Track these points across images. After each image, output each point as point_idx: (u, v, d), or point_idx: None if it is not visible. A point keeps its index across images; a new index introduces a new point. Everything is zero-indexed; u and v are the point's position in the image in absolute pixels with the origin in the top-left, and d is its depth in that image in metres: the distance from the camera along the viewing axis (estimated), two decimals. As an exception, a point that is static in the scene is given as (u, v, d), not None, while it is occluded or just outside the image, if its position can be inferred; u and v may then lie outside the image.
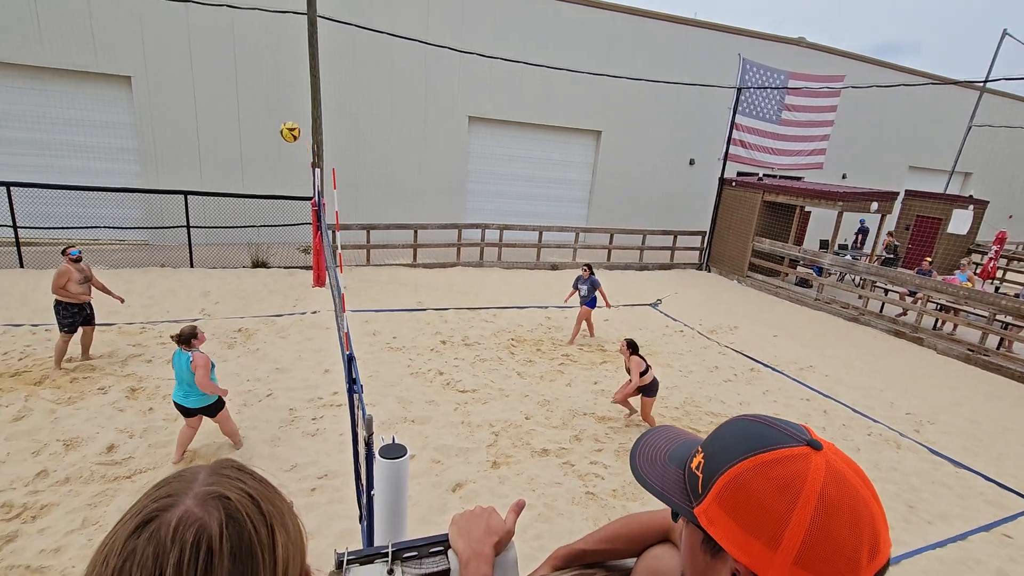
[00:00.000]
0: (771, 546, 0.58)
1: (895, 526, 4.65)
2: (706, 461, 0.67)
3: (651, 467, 0.75)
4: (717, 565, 0.65)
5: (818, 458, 0.60)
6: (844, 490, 0.59)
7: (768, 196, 13.35)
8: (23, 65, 10.59)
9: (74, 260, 5.97)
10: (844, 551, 0.56)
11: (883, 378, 8.14)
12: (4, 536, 3.65)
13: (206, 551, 0.45)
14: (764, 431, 0.65)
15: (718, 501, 0.63)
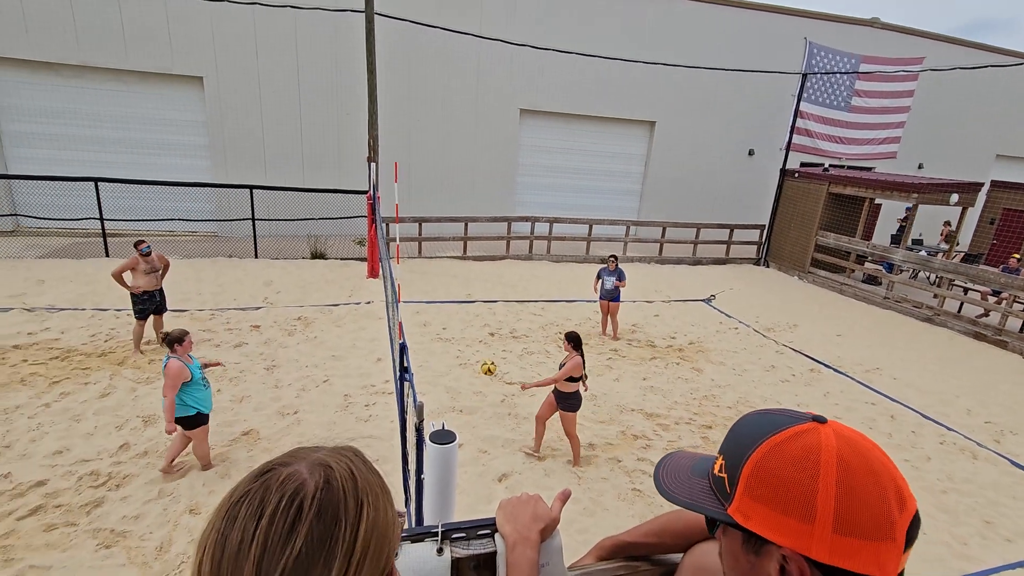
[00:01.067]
0: (807, 519, 0.58)
1: (969, 542, 4.34)
2: (727, 460, 0.68)
3: (676, 483, 0.75)
4: (763, 562, 0.64)
5: (826, 428, 0.63)
6: (858, 450, 0.60)
7: (834, 188, 12.62)
8: (111, 69, 11.44)
9: (144, 255, 6.42)
10: (874, 507, 0.57)
11: (960, 383, 7.57)
12: (93, 501, 4.01)
13: (298, 505, 0.52)
14: (771, 418, 0.67)
15: (747, 493, 0.64)
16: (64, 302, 7.77)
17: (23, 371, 5.78)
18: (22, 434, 4.71)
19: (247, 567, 0.49)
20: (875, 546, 0.57)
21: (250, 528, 0.51)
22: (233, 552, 0.50)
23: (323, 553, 0.51)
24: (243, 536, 0.51)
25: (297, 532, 0.51)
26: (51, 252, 10.14)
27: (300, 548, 0.50)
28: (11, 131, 11.36)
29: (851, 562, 0.57)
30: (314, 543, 0.51)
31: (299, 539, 0.51)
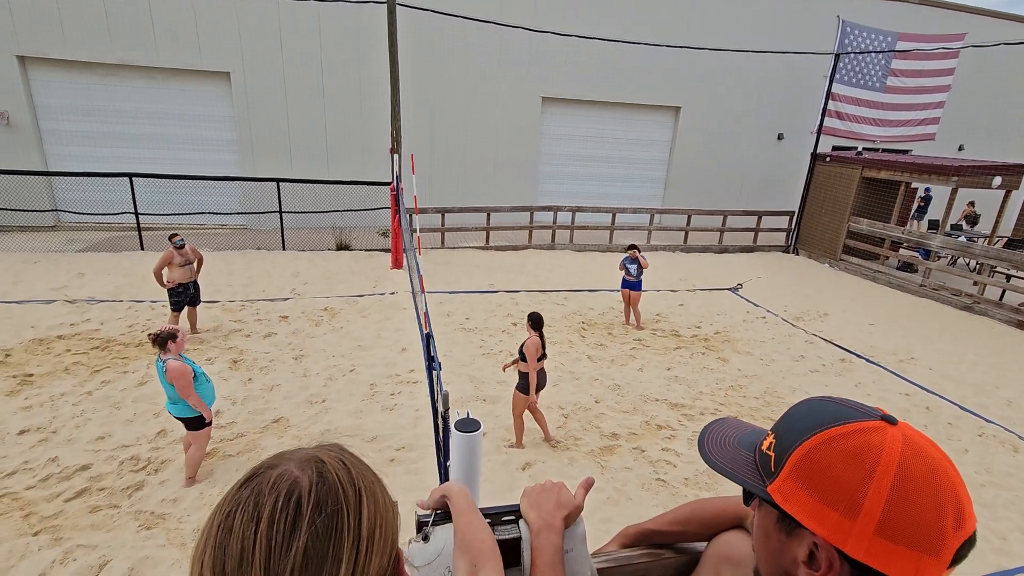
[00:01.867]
0: (850, 515, 0.57)
1: (1009, 537, 4.21)
2: (777, 440, 0.67)
3: (720, 450, 0.75)
4: (793, 544, 0.64)
5: (894, 431, 0.60)
6: (923, 460, 0.58)
7: (868, 172, 12.20)
8: (142, 67, 11.73)
9: (178, 248, 6.61)
10: (927, 520, 0.56)
11: (1000, 374, 7.29)
12: (134, 484, 4.19)
13: (295, 502, 0.51)
14: (836, 409, 0.65)
15: (792, 476, 0.63)
16: (103, 294, 8.07)
17: (67, 360, 6.04)
18: (67, 420, 4.93)
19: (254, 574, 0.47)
20: (917, 556, 0.56)
21: (249, 535, 0.49)
22: (235, 563, 0.48)
23: (330, 545, 0.50)
24: (243, 544, 0.49)
25: (300, 529, 0.49)
26: (90, 246, 10.52)
27: (306, 544, 0.49)
28: (50, 129, 11.78)
29: (886, 565, 0.56)
30: (319, 537, 0.50)
31: (303, 535, 0.49)
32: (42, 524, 3.74)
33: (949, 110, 15.40)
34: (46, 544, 3.56)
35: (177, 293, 6.65)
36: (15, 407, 5.08)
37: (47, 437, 4.68)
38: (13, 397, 5.25)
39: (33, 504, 3.92)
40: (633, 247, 7.95)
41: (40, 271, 8.83)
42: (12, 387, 5.41)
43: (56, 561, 3.43)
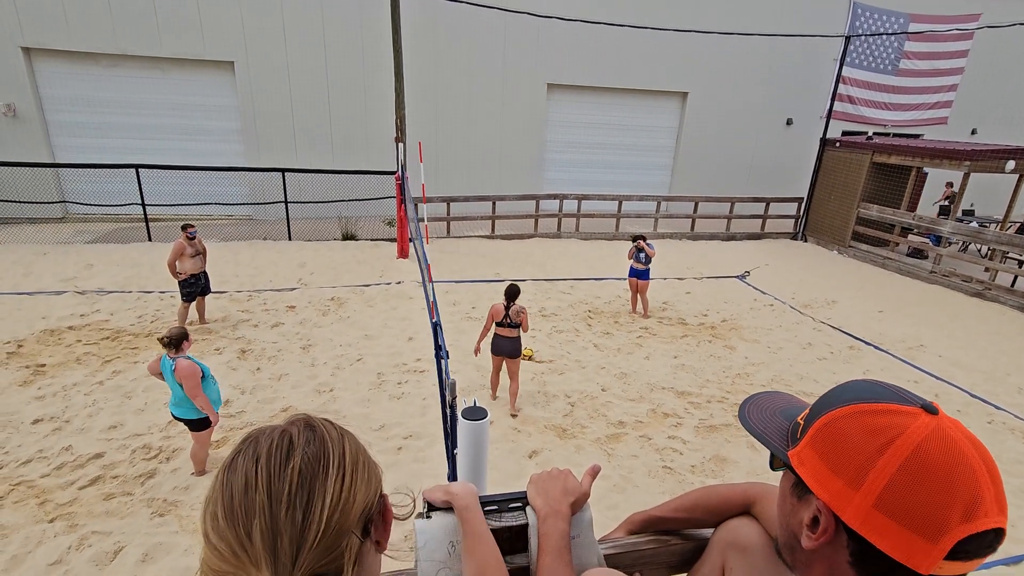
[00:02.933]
0: (853, 485, 0.59)
1: (1017, 524, 4.20)
2: (811, 411, 0.69)
3: (759, 415, 0.78)
4: (801, 508, 0.67)
5: (927, 419, 0.59)
6: (948, 450, 0.57)
7: (878, 157, 12.03)
8: (146, 57, 11.71)
9: (191, 239, 6.64)
10: (930, 505, 0.55)
11: (1011, 361, 7.23)
12: (146, 472, 4.25)
13: (288, 439, 0.59)
14: (878, 389, 0.64)
15: (811, 443, 0.65)
16: (112, 285, 8.14)
17: (78, 351, 6.11)
18: (80, 410, 5.00)
19: (258, 497, 0.54)
20: (911, 536, 0.56)
21: (251, 469, 0.56)
22: (241, 491, 0.55)
23: (320, 465, 0.57)
24: (247, 477, 0.56)
25: (293, 455, 0.57)
26: (98, 237, 10.60)
27: (300, 465, 0.56)
28: (56, 121, 11.81)
29: (879, 539, 0.57)
30: (310, 460, 0.57)
31: (296, 459, 0.57)
32: (57, 511, 3.81)
33: (962, 93, 15.11)
34: (62, 530, 3.63)
35: (189, 284, 6.70)
36: (29, 397, 5.16)
37: (60, 426, 4.76)
38: (27, 387, 5.33)
39: (48, 492, 3.99)
40: (639, 238, 7.87)
41: (50, 263, 8.91)
42: (25, 377, 5.49)
43: (72, 547, 3.50)
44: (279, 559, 0.52)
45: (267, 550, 0.52)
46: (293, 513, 0.54)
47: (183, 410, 4.07)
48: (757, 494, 1.00)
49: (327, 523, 0.55)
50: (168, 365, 3.99)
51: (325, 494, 0.56)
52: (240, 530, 0.53)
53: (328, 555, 0.55)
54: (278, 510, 0.54)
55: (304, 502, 0.55)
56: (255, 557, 0.52)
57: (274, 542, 0.52)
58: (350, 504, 0.58)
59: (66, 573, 3.33)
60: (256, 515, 0.53)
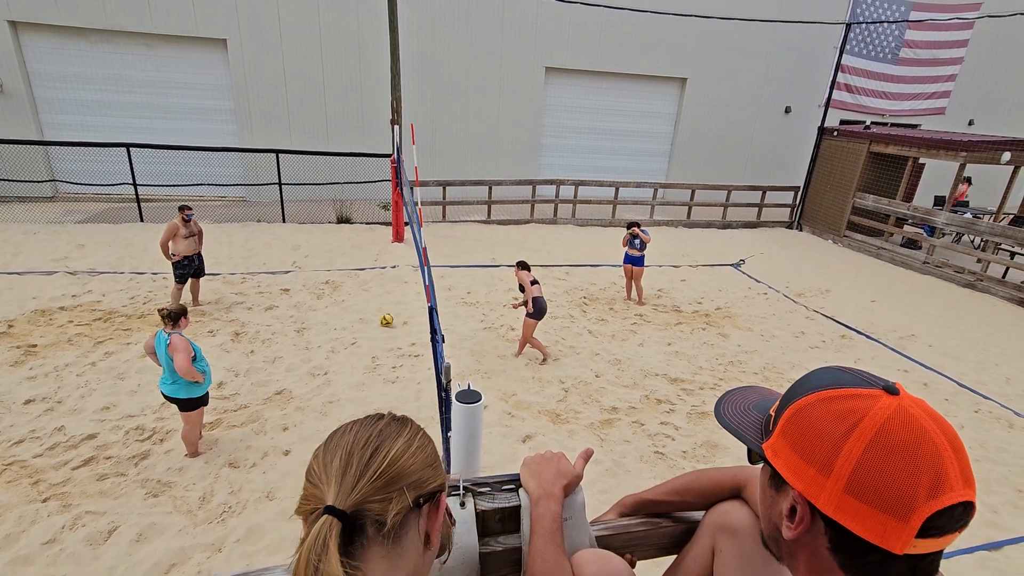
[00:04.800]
0: (824, 472, 0.60)
1: (1000, 510, 4.28)
2: (781, 402, 0.70)
3: (734, 411, 0.79)
4: (780, 499, 0.67)
5: (889, 400, 0.61)
6: (909, 428, 0.58)
7: (876, 146, 12.01)
8: (137, 33, 11.47)
9: (187, 221, 6.57)
10: (897, 484, 0.56)
11: (1001, 351, 7.31)
12: (139, 454, 4.25)
13: (378, 415, 0.78)
14: (841, 375, 0.66)
15: (782, 433, 0.66)
16: (104, 266, 8.07)
17: (70, 331, 6.07)
18: (72, 390, 4.98)
19: (346, 438, 0.71)
20: (883, 517, 0.57)
21: (348, 425, 0.75)
22: (338, 436, 0.73)
23: (395, 431, 0.74)
24: (343, 430, 0.74)
25: (380, 421, 0.75)
26: (89, 217, 10.47)
27: (381, 426, 0.74)
28: (44, 97, 11.59)
29: (853, 523, 0.58)
30: (389, 424, 0.75)
31: (381, 423, 0.75)
32: (51, 491, 3.81)
33: (960, 83, 15.08)
34: (55, 510, 3.64)
35: (182, 266, 6.64)
36: (20, 377, 5.13)
37: (53, 407, 4.74)
38: (18, 367, 5.30)
39: (41, 472, 3.99)
40: (634, 225, 7.89)
41: (40, 242, 8.80)
42: (16, 357, 5.45)
43: (66, 527, 3.51)
44: (344, 482, 0.66)
45: (337, 473, 0.67)
46: (364, 451, 0.69)
47: (173, 388, 4.03)
48: (747, 478, 1.01)
49: (386, 467, 0.68)
50: (163, 340, 3.99)
51: (392, 448, 0.70)
52: (327, 458, 0.69)
53: (379, 494, 0.66)
54: (355, 448, 0.70)
55: (374, 448, 0.70)
56: (328, 478, 0.67)
57: (344, 469, 0.67)
58: (407, 465, 0.70)
59: (60, 552, 3.34)
60: (340, 450, 0.70)
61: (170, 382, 4.04)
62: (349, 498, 0.64)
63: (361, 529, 0.64)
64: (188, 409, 4.12)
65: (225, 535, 3.56)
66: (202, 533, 3.56)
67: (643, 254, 7.90)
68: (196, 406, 4.15)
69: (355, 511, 0.64)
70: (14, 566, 3.22)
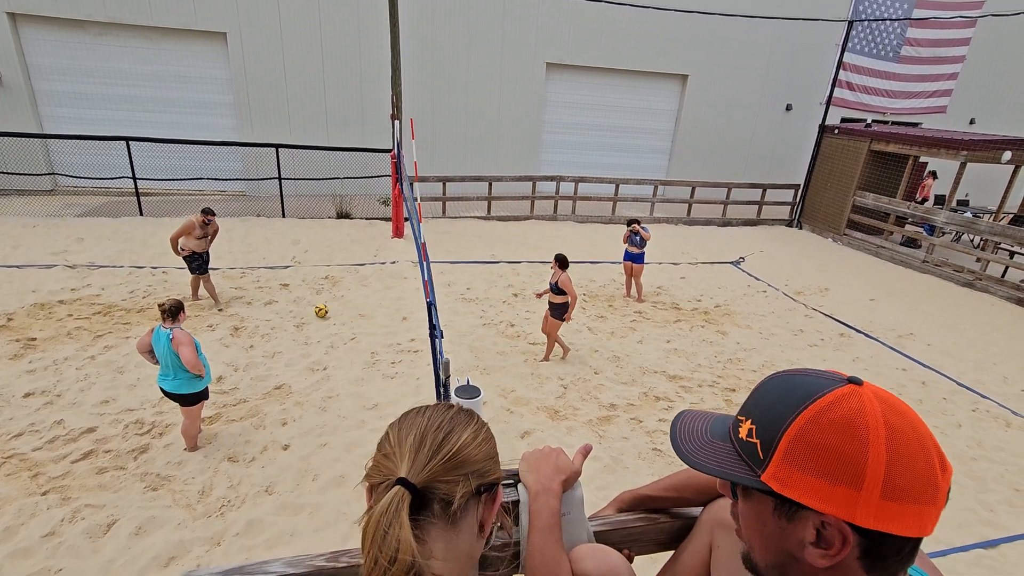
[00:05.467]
0: (855, 486, 0.57)
1: (996, 509, 4.30)
2: (758, 427, 0.65)
3: (699, 448, 0.72)
4: (796, 527, 0.62)
5: (865, 391, 0.61)
6: (901, 414, 0.59)
7: (876, 145, 12.00)
8: (136, 25, 11.42)
9: (205, 224, 6.60)
10: (921, 472, 0.57)
11: (1000, 350, 7.33)
12: (139, 447, 4.26)
13: (447, 406, 0.81)
14: (804, 381, 0.65)
15: (788, 461, 0.61)
16: (103, 259, 8.06)
17: (69, 325, 6.07)
18: (71, 384, 4.99)
19: (420, 419, 0.76)
20: (920, 509, 0.57)
21: (422, 410, 0.79)
22: (412, 416, 0.77)
23: (464, 420, 0.77)
24: (417, 412, 0.78)
25: (451, 410, 0.79)
26: (88, 211, 10.45)
27: (452, 414, 0.78)
28: (43, 90, 11.54)
29: (895, 525, 0.57)
30: (459, 413, 0.79)
31: (452, 411, 0.79)
32: (50, 484, 3.82)
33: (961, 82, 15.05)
34: (55, 503, 3.65)
35: (191, 259, 6.65)
36: (19, 370, 5.14)
37: (52, 400, 4.75)
38: (17, 361, 5.30)
39: (41, 465, 4.00)
40: (634, 222, 7.89)
41: (39, 235, 8.79)
42: (16, 351, 5.45)
43: (65, 520, 3.52)
44: (417, 459, 0.69)
45: (411, 449, 0.70)
46: (437, 434, 0.73)
47: (175, 383, 4.02)
48: None
49: (456, 451, 0.72)
50: (164, 335, 3.96)
51: (462, 435, 0.74)
52: (401, 434, 0.73)
53: (447, 475, 0.70)
54: (429, 429, 0.73)
55: (447, 432, 0.73)
56: (402, 453, 0.70)
57: (418, 447, 0.71)
58: (474, 453, 0.74)
59: (59, 545, 3.35)
60: (414, 429, 0.73)
61: (171, 378, 4.02)
62: (421, 474, 0.68)
63: (428, 505, 0.68)
64: (189, 404, 4.12)
65: (224, 529, 3.57)
66: (201, 527, 3.57)
67: (643, 251, 7.90)
68: (197, 401, 4.15)
69: (425, 486, 0.68)
70: (14, 559, 3.23)
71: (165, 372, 4.03)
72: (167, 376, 4.03)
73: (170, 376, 4.02)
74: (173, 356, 3.95)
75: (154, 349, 4.02)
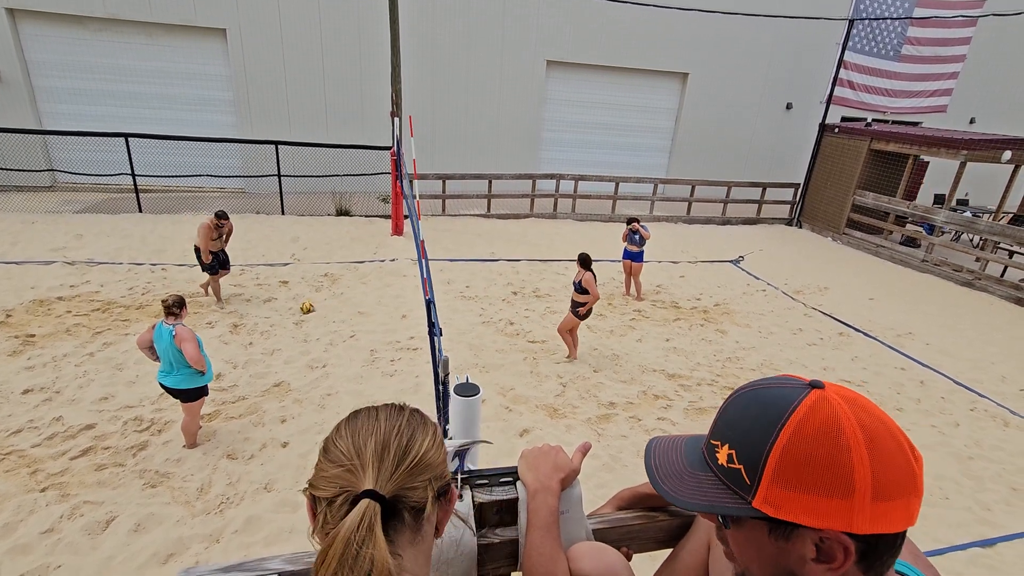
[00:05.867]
0: (846, 495, 0.57)
1: (993, 508, 4.31)
2: (739, 450, 0.64)
3: (682, 485, 0.69)
4: (794, 546, 0.62)
5: (831, 395, 0.61)
6: (868, 411, 0.60)
7: (876, 144, 11.99)
8: (135, 21, 11.38)
9: (218, 227, 6.55)
10: (901, 465, 0.58)
11: (998, 350, 7.34)
12: (138, 444, 4.26)
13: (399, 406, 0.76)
14: (772, 395, 0.64)
15: (777, 482, 0.60)
16: (102, 256, 8.05)
17: (68, 322, 6.07)
18: (70, 380, 4.98)
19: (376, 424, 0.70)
20: (906, 502, 0.58)
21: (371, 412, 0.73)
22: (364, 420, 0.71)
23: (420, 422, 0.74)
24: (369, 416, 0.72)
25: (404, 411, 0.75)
26: (87, 207, 10.43)
27: (408, 415, 0.74)
28: (42, 86, 11.52)
29: (888, 524, 0.57)
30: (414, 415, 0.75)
31: (406, 412, 0.74)
32: (49, 481, 3.82)
33: (962, 81, 15.03)
34: (53, 500, 3.65)
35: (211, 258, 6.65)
36: (18, 367, 5.13)
37: (51, 397, 4.74)
38: (16, 357, 5.29)
39: (39, 461, 4.00)
40: (633, 220, 7.91)
41: (38, 232, 8.78)
42: (15, 347, 5.45)
43: (64, 516, 3.52)
44: (383, 466, 0.65)
45: (375, 458, 0.65)
46: (400, 438, 0.69)
47: (176, 379, 4.01)
48: None
49: (423, 455, 0.69)
50: (167, 331, 3.95)
51: (424, 437, 0.71)
52: (357, 442, 0.67)
53: (414, 481, 0.66)
54: (390, 434, 0.69)
55: (409, 435, 0.70)
56: (364, 462, 0.65)
57: (381, 455, 0.66)
58: (436, 456, 0.71)
59: (58, 541, 3.35)
60: (372, 434, 0.68)
61: (172, 374, 4.02)
62: (389, 483, 0.64)
63: (398, 515, 0.65)
64: (190, 400, 4.11)
65: (223, 526, 3.57)
66: (200, 524, 3.57)
67: (642, 250, 7.91)
68: (198, 396, 4.15)
69: (395, 496, 0.64)
70: (13, 555, 3.24)
71: (167, 368, 4.03)
72: (168, 372, 4.03)
73: (172, 372, 4.02)
74: (175, 352, 3.95)
75: (155, 345, 4.02)
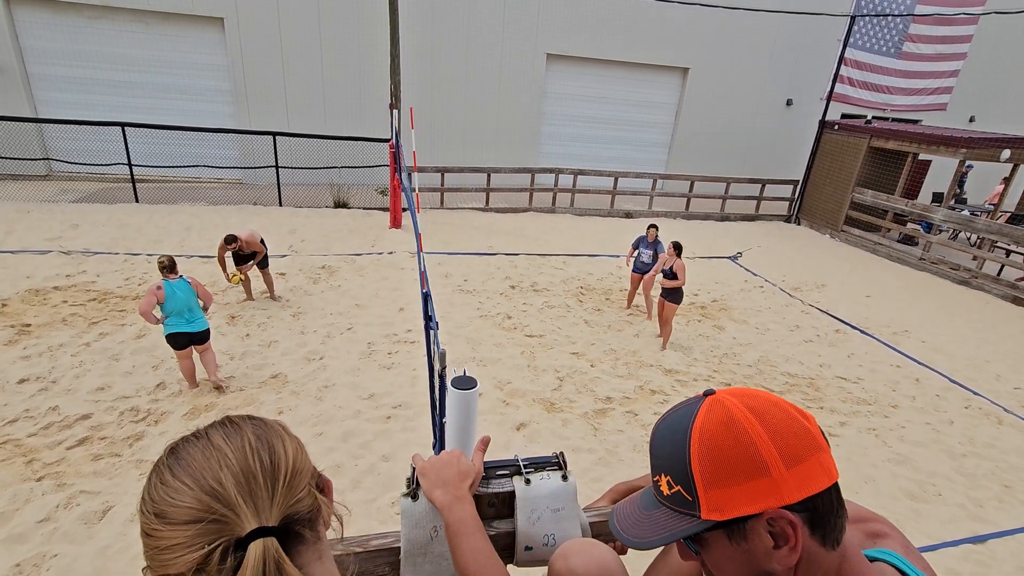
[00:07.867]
0: (766, 472, 0.61)
1: (985, 505, 4.34)
2: (672, 474, 0.68)
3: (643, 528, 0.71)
4: (754, 541, 0.64)
5: (720, 395, 0.68)
6: (755, 396, 0.67)
7: (876, 141, 11.98)
8: (132, 9, 11.26)
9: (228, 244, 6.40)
10: (796, 429, 0.63)
11: (993, 348, 7.38)
12: (134, 435, 4.26)
13: (229, 421, 0.62)
14: (677, 415, 0.70)
15: (706, 486, 0.64)
16: (98, 246, 8.01)
17: (64, 312, 6.04)
18: (66, 371, 4.97)
19: (218, 454, 0.56)
20: (817, 458, 0.62)
21: (202, 442, 0.58)
22: (200, 458, 0.56)
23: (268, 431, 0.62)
24: (202, 446, 0.58)
25: (243, 423, 0.62)
26: (83, 197, 10.37)
27: (251, 431, 0.60)
28: (37, 73, 11.40)
29: (814, 483, 0.62)
30: (259, 425, 0.62)
31: (247, 425, 0.61)
32: (45, 470, 3.82)
33: (962, 79, 15.02)
34: (50, 489, 3.65)
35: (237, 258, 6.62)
36: (14, 356, 5.11)
37: (47, 387, 4.73)
38: (12, 347, 5.28)
39: (36, 451, 3.99)
40: (653, 227, 7.07)
41: (34, 221, 8.72)
42: (10, 337, 5.43)
43: (60, 505, 3.52)
44: (257, 497, 0.54)
45: (242, 492, 0.54)
46: (260, 456, 0.57)
47: (201, 321, 4.62)
48: None
49: (292, 463, 0.59)
50: (180, 283, 4.49)
51: (284, 445, 0.61)
52: (206, 483, 0.53)
53: (297, 493, 0.58)
54: (245, 457, 0.56)
55: (267, 448, 0.59)
56: (230, 504, 0.52)
57: (248, 483, 0.54)
58: (301, 455, 0.62)
59: (55, 530, 3.35)
60: (221, 467, 0.55)
61: (197, 319, 4.58)
62: (274, 510, 0.55)
63: (296, 537, 0.57)
64: (208, 337, 4.72)
65: (219, 516, 3.57)
66: (196, 514, 3.58)
67: (653, 264, 6.89)
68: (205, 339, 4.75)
69: (285, 521, 0.56)
70: (9, 544, 3.24)
71: (188, 317, 4.53)
72: (191, 319, 4.54)
73: (196, 318, 4.57)
74: (194, 297, 4.53)
75: (168, 302, 4.44)
